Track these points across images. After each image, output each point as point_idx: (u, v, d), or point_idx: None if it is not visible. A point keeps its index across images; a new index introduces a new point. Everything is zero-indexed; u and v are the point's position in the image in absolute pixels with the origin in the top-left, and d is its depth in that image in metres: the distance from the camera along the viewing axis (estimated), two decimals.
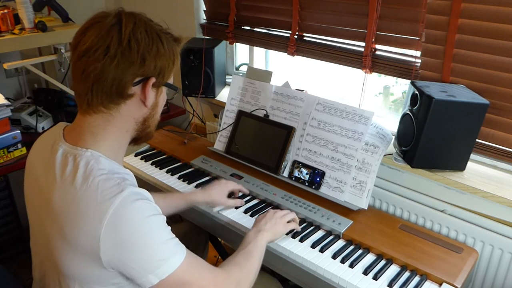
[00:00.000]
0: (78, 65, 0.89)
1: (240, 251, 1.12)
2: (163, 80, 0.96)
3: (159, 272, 0.87)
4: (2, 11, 1.84)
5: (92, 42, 0.87)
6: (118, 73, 0.88)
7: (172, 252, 0.89)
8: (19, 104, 2.14)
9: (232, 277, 1.01)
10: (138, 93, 0.93)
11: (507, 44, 1.31)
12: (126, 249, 0.85)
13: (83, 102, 0.92)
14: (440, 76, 1.48)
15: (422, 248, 1.29)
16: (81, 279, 0.92)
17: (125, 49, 0.87)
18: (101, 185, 0.86)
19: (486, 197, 1.34)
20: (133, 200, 0.86)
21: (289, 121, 1.62)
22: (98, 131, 0.93)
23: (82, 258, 0.88)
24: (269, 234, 1.21)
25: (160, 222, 0.90)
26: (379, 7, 1.54)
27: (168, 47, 0.95)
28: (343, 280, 1.18)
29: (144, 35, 0.90)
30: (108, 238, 0.84)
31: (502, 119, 1.39)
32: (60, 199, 0.89)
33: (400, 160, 1.48)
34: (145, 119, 0.98)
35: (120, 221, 0.84)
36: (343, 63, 1.73)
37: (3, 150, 1.75)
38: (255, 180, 1.60)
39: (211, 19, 2.18)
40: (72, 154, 0.92)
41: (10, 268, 1.16)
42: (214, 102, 2.10)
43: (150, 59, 0.90)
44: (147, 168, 1.72)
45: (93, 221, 0.84)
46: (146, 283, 0.88)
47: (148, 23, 0.93)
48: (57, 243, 0.91)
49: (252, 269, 1.08)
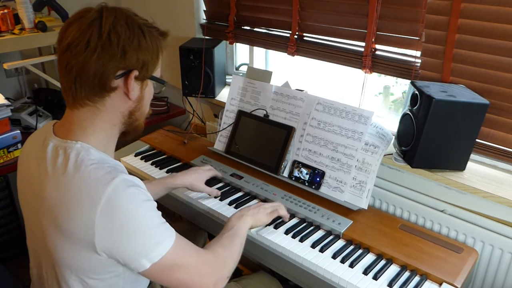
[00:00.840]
0: (62, 59, 0.91)
1: (224, 233, 1.16)
2: (147, 73, 0.97)
3: (151, 255, 0.90)
4: (2, 11, 1.84)
5: (73, 37, 0.89)
6: (99, 66, 0.89)
7: (163, 236, 0.92)
8: (19, 104, 2.14)
9: (219, 258, 1.05)
10: (121, 86, 0.94)
11: (507, 44, 1.31)
12: (120, 235, 0.87)
13: (69, 96, 0.94)
14: (440, 76, 1.48)
15: (422, 248, 1.29)
16: (77, 269, 0.93)
17: (105, 42, 0.89)
18: (92, 174, 0.88)
19: (486, 197, 1.34)
20: (125, 187, 0.88)
21: (289, 121, 1.62)
22: (86, 124, 0.95)
23: (77, 247, 0.90)
24: (252, 219, 1.25)
25: (152, 207, 0.93)
26: (379, 7, 1.54)
27: (152, 41, 0.95)
28: (343, 280, 1.18)
29: (125, 28, 0.91)
30: (102, 225, 0.86)
31: (502, 119, 1.39)
32: (52, 190, 0.91)
33: (400, 160, 1.48)
34: (131, 112, 0.99)
35: (113, 208, 0.86)
36: (343, 63, 1.73)
37: (3, 150, 1.75)
38: (255, 180, 1.60)
39: (211, 19, 2.18)
40: (62, 147, 0.94)
41: (10, 268, 1.16)
42: (214, 102, 2.10)
43: (131, 52, 0.91)
44: (147, 168, 1.72)
45: (86, 209, 0.86)
46: (139, 267, 0.91)
47: (130, 16, 0.94)
48: (52, 234, 0.92)
49: (236, 250, 1.12)
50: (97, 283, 0.96)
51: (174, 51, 2.03)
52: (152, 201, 0.94)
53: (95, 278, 0.95)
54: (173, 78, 2.32)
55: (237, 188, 1.59)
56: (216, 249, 1.08)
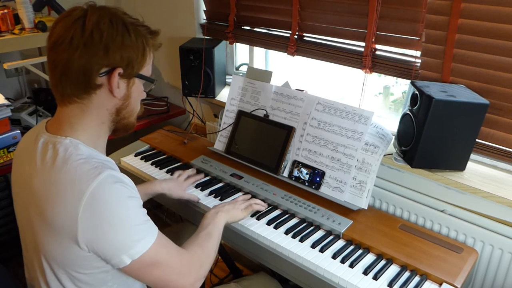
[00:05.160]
0: (49, 56, 0.94)
1: (201, 232, 1.18)
2: (132, 71, 0.97)
3: (132, 252, 0.91)
4: (2, 11, 1.84)
5: (59, 34, 0.91)
6: (82, 63, 0.91)
7: (145, 233, 0.94)
8: (19, 104, 2.15)
9: (195, 258, 1.07)
10: (106, 83, 0.95)
11: (507, 44, 1.31)
12: (102, 229, 0.88)
13: (57, 93, 0.96)
14: (440, 76, 1.48)
15: (422, 248, 1.29)
16: (64, 263, 0.94)
17: (88, 40, 0.90)
18: (79, 168, 0.90)
19: (486, 197, 1.34)
20: (110, 182, 0.89)
21: (289, 121, 1.62)
22: (75, 121, 0.97)
23: (61, 240, 0.91)
24: (227, 215, 1.28)
25: (136, 205, 0.94)
26: (379, 7, 1.54)
27: (137, 39, 0.96)
28: (343, 280, 1.18)
29: (108, 26, 0.92)
30: (85, 219, 0.87)
31: (502, 119, 1.39)
32: (40, 183, 0.92)
33: (400, 160, 1.48)
34: (118, 110, 1.00)
35: (97, 202, 0.87)
36: (343, 63, 1.73)
37: (3, 150, 1.76)
38: (255, 180, 1.60)
39: (211, 19, 2.18)
40: (52, 142, 0.95)
41: (10, 268, 1.16)
42: (214, 102, 2.10)
43: (114, 49, 0.92)
44: (147, 168, 1.72)
45: (71, 202, 0.88)
46: (120, 263, 0.92)
47: (116, 14, 0.94)
48: (39, 227, 0.94)
49: (212, 249, 1.14)
50: (85, 278, 0.96)
51: (174, 51, 2.03)
52: (137, 198, 0.95)
53: (82, 272, 0.95)
54: (173, 78, 2.32)
55: (237, 188, 1.59)
56: (194, 249, 1.09)
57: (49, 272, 0.97)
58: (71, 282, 0.97)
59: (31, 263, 1.04)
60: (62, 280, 0.97)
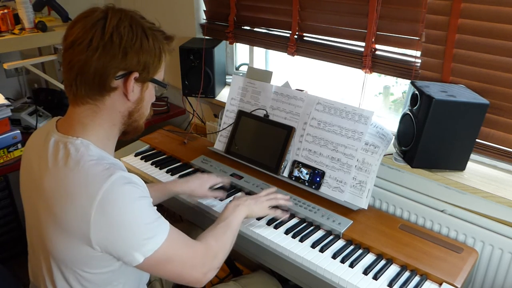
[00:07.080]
0: (65, 57, 0.93)
1: (220, 223, 1.18)
2: (148, 75, 0.98)
3: (144, 250, 0.92)
4: (2, 11, 1.84)
5: (77, 35, 0.91)
6: (100, 66, 0.91)
7: (157, 231, 0.94)
8: (19, 104, 2.14)
9: (210, 250, 1.07)
10: (121, 86, 0.95)
11: (507, 44, 1.31)
12: (115, 229, 0.89)
13: (70, 93, 0.96)
14: (440, 76, 1.48)
15: (422, 248, 1.29)
16: (72, 262, 0.95)
17: (107, 43, 0.90)
18: (91, 170, 0.90)
19: (486, 197, 1.34)
20: (122, 183, 0.90)
21: (289, 121, 1.62)
22: (87, 121, 0.97)
23: (72, 240, 0.91)
24: (247, 210, 1.27)
25: (147, 204, 0.95)
26: (379, 7, 1.54)
27: (155, 44, 0.96)
28: (343, 280, 1.18)
29: (128, 30, 0.92)
30: (98, 220, 0.88)
31: (502, 119, 1.39)
32: (51, 183, 0.93)
33: (400, 160, 1.48)
34: (131, 113, 1.01)
35: (109, 203, 0.88)
36: (343, 63, 1.73)
37: (3, 150, 1.75)
38: (255, 180, 1.60)
39: (211, 19, 2.18)
40: (63, 142, 0.96)
41: (10, 268, 1.16)
42: (214, 102, 2.10)
43: (132, 53, 0.92)
44: (147, 168, 1.72)
45: (83, 204, 0.88)
46: (133, 261, 0.92)
47: (135, 19, 0.95)
48: (49, 227, 0.94)
49: (228, 241, 1.14)
50: (92, 277, 0.97)
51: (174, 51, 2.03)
52: (148, 198, 0.96)
53: (90, 272, 0.96)
54: (173, 78, 2.32)
55: (237, 188, 1.59)
56: (208, 240, 1.10)
57: (56, 271, 0.97)
58: (77, 282, 0.97)
59: (37, 262, 1.03)
60: (69, 279, 0.97)
